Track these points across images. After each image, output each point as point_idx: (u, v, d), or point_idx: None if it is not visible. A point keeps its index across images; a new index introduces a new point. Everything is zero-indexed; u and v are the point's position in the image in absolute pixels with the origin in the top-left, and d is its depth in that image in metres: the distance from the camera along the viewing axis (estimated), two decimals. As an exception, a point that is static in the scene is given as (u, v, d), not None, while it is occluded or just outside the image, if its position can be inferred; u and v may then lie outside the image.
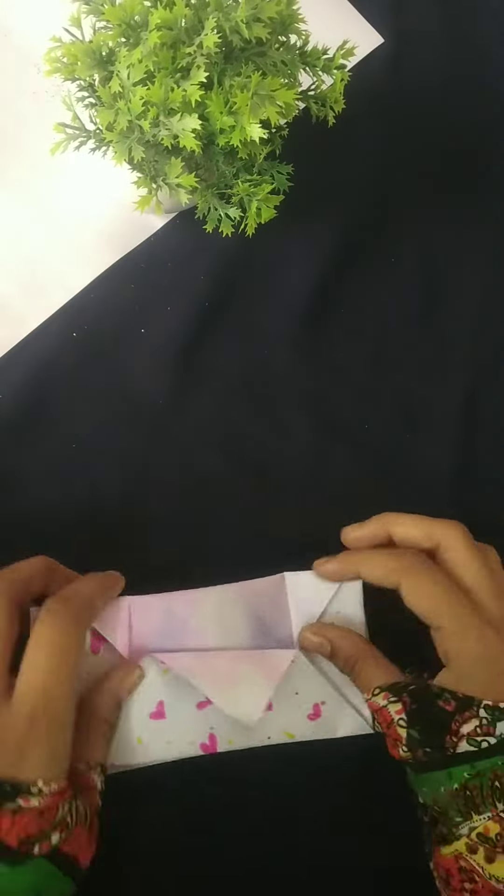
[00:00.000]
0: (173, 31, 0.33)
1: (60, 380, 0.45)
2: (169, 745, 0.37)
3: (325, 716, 0.39)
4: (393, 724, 0.36)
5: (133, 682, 0.37)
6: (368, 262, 0.50)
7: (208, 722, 0.37)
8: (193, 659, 0.38)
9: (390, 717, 0.36)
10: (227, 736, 0.37)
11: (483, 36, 0.55)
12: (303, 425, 0.47)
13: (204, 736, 0.37)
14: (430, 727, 0.35)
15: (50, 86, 0.48)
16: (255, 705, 0.37)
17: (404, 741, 0.35)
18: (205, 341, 0.47)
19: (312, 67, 0.39)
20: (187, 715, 0.37)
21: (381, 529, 0.40)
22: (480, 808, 0.34)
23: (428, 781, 0.35)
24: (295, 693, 0.39)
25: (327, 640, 0.39)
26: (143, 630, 0.39)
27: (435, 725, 0.35)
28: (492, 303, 0.51)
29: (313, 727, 0.38)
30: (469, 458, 0.48)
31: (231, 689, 0.37)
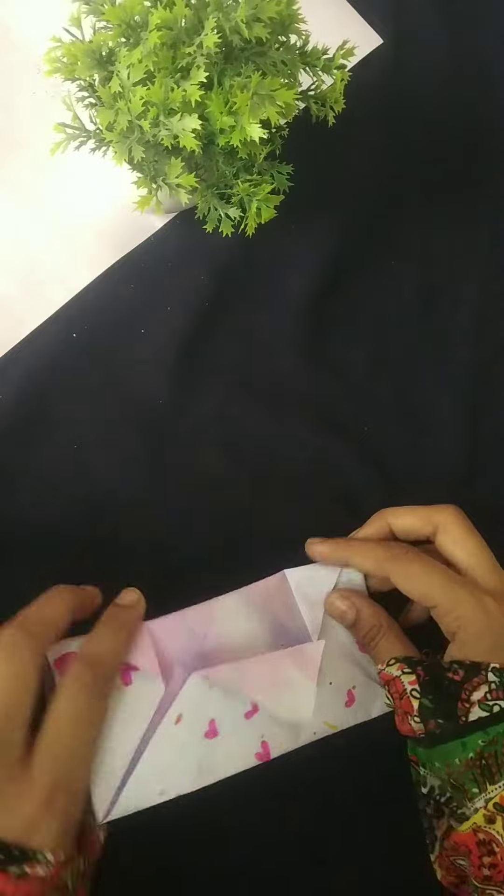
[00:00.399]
0: (173, 31, 0.33)
1: (60, 380, 0.45)
2: (227, 760, 0.37)
3: (359, 700, 0.40)
4: (405, 695, 0.36)
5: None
6: (368, 262, 0.50)
7: (259, 730, 0.38)
8: (233, 670, 0.38)
9: (402, 688, 0.36)
10: (279, 740, 0.38)
11: (483, 36, 0.55)
12: (303, 425, 0.47)
13: (257, 745, 0.37)
14: (441, 697, 0.36)
15: (50, 86, 0.48)
16: (304, 703, 0.38)
17: (416, 712, 0.36)
18: (205, 341, 0.47)
19: (312, 67, 0.39)
20: (238, 727, 0.37)
21: (382, 526, 0.41)
22: (496, 776, 0.34)
23: (441, 754, 0.35)
24: (329, 683, 0.39)
25: (355, 607, 0.40)
26: (169, 651, 0.39)
27: (446, 695, 0.35)
28: (492, 303, 0.51)
29: (351, 713, 0.39)
30: (469, 458, 0.48)
31: (278, 693, 0.38)
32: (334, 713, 0.39)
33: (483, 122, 0.53)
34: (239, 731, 0.37)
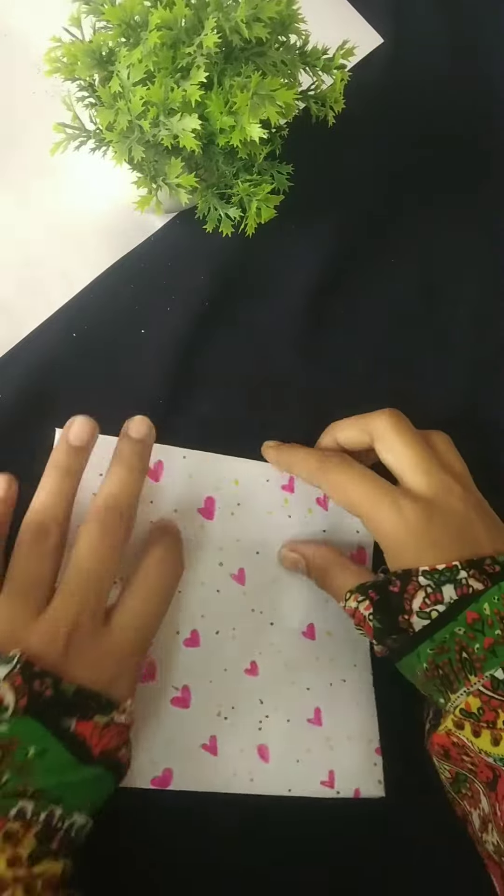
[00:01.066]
0: (173, 31, 0.33)
1: (60, 380, 0.45)
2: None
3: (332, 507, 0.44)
4: (365, 622, 0.37)
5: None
6: (368, 262, 0.50)
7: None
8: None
9: (362, 616, 0.37)
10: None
11: (483, 36, 0.55)
12: (303, 425, 0.47)
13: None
14: (387, 613, 0.36)
15: (50, 86, 0.47)
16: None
17: (374, 636, 0.37)
18: (205, 341, 0.47)
19: (312, 67, 0.39)
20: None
21: (331, 441, 0.42)
22: (455, 684, 0.34)
23: (406, 668, 0.37)
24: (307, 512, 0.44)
25: (301, 555, 0.41)
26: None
27: (392, 610, 0.36)
28: (492, 303, 0.51)
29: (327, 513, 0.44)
30: (469, 458, 0.48)
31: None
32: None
33: (483, 121, 0.53)
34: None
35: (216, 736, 0.39)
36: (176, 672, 0.39)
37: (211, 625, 0.41)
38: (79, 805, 0.32)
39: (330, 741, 0.40)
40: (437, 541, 0.36)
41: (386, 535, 0.37)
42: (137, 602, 0.36)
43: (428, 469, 0.38)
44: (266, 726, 0.40)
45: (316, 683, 0.41)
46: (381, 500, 0.37)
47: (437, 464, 0.39)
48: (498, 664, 0.34)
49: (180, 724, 0.38)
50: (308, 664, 0.42)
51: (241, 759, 0.39)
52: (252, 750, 0.39)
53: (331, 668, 0.42)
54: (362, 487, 0.38)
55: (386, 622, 0.36)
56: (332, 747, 0.40)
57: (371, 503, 0.37)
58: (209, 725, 0.39)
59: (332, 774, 0.39)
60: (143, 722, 0.38)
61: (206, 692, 0.39)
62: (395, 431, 0.39)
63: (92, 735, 0.32)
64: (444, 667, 0.35)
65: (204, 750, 0.38)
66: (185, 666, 0.39)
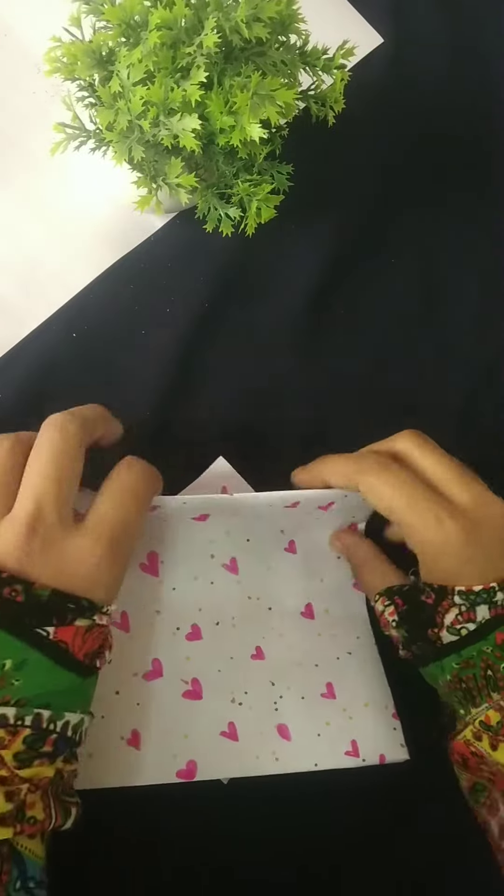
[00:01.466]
0: (173, 30, 0.33)
1: (60, 380, 0.45)
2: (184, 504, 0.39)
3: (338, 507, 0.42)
4: (390, 627, 0.38)
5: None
6: (368, 262, 0.50)
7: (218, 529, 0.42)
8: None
9: (386, 621, 0.38)
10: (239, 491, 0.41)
11: (483, 36, 0.55)
12: (303, 425, 0.47)
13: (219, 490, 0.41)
14: (416, 624, 0.37)
15: (50, 86, 0.48)
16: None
17: (399, 642, 0.38)
18: (205, 341, 0.47)
19: (312, 67, 0.39)
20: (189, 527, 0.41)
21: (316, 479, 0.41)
22: (477, 699, 0.35)
23: (429, 675, 0.37)
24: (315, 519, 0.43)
25: (343, 545, 0.42)
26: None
27: (421, 621, 0.36)
28: (492, 303, 0.51)
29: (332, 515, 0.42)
30: (469, 458, 0.48)
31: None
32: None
33: (483, 121, 0.53)
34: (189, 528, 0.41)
35: (234, 722, 0.39)
36: (182, 666, 0.39)
37: (210, 617, 0.41)
38: (69, 706, 0.32)
39: (347, 711, 0.41)
40: (476, 559, 0.35)
41: (424, 546, 0.36)
42: (109, 504, 0.35)
43: (469, 482, 0.37)
44: (282, 706, 0.40)
45: (323, 660, 0.42)
46: (422, 510, 0.36)
47: (476, 477, 0.37)
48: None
49: (195, 715, 0.38)
50: (312, 642, 0.42)
51: (263, 741, 0.39)
52: (272, 730, 0.39)
53: (334, 643, 0.42)
54: (403, 493, 0.36)
55: (413, 632, 0.37)
56: (351, 717, 0.40)
57: (412, 512, 0.36)
58: (225, 712, 0.39)
59: (354, 744, 0.40)
60: (158, 718, 0.38)
61: (217, 681, 0.39)
62: (426, 447, 0.38)
63: (74, 640, 0.32)
64: (468, 681, 0.35)
65: (223, 737, 0.38)
66: (190, 659, 0.39)
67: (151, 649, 0.39)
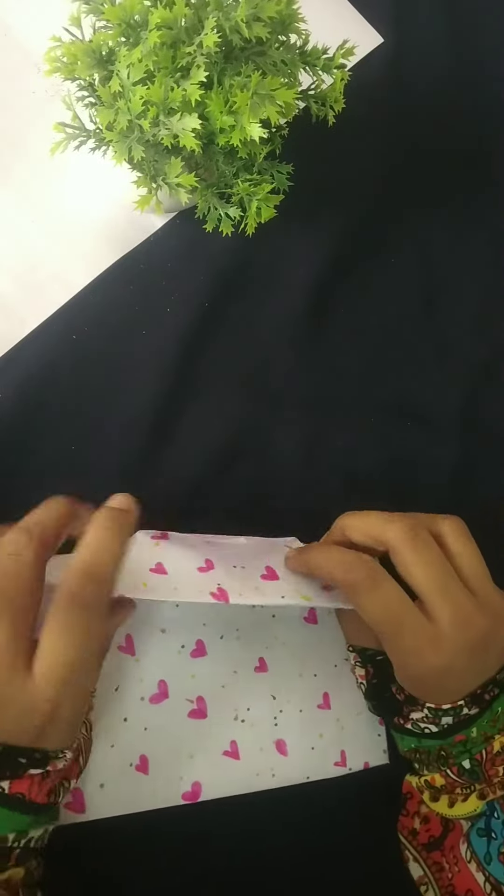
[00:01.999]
0: (173, 30, 0.33)
1: (60, 380, 0.45)
2: (175, 590, 0.35)
3: (337, 591, 0.39)
4: (359, 684, 0.41)
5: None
6: (368, 262, 0.50)
7: (214, 580, 0.36)
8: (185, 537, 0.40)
9: (356, 677, 0.41)
10: (238, 590, 0.36)
11: (483, 36, 0.55)
12: (303, 425, 0.47)
13: (213, 587, 0.35)
14: (383, 706, 0.39)
15: (50, 85, 0.47)
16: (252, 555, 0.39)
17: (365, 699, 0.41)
18: (205, 341, 0.47)
19: (312, 67, 0.39)
20: (190, 574, 0.36)
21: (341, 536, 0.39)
22: (429, 767, 0.38)
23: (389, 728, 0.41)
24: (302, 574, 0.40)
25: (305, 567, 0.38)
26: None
27: (388, 706, 0.39)
28: (492, 303, 0.51)
29: (330, 597, 0.38)
30: (469, 457, 0.48)
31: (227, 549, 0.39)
32: (309, 589, 0.38)
33: (483, 121, 0.53)
34: (190, 577, 0.36)
35: (236, 741, 0.39)
36: (188, 685, 0.39)
37: (214, 631, 0.41)
38: (34, 828, 0.32)
39: (340, 721, 0.42)
40: (449, 686, 0.36)
41: (401, 668, 0.36)
42: (60, 641, 0.31)
43: (448, 594, 0.35)
44: (281, 721, 0.40)
45: (322, 668, 0.42)
46: (405, 635, 0.35)
47: (461, 592, 0.35)
48: (468, 756, 0.36)
49: (200, 735, 0.39)
50: (313, 650, 0.42)
51: (262, 758, 0.39)
52: (271, 747, 0.40)
53: (334, 649, 0.43)
54: (389, 621, 0.35)
55: (379, 710, 0.40)
56: (343, 727, 0.42)
57: (397, 646, 0.35)
58: (228, 731, 0.39)
59: (343, 754, 0.41)
60: (165, 741, 0.38)
61: (221, 698, 0.40)
62: (412, 552, 0.35)
63: (31, 789, 0.31)
64: (423, 755, 0.38)
65: (226, 756, 0.39)
66: (195, 677, 0.40)
67: (157, 671, 0.39)
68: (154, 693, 0.39)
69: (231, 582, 0.36)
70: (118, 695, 0.38)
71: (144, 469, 0.45)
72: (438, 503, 0.46)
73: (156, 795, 0.38)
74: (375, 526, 0.37)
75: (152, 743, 0.38)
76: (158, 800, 0.38)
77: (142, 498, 0.37)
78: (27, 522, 0.34)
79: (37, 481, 0.44)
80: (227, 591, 0.36)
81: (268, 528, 0.44)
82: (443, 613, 0.35)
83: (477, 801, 0.36)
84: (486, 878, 0.35)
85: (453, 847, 0.37)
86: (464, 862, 0.36)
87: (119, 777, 0.37)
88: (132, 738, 0.38)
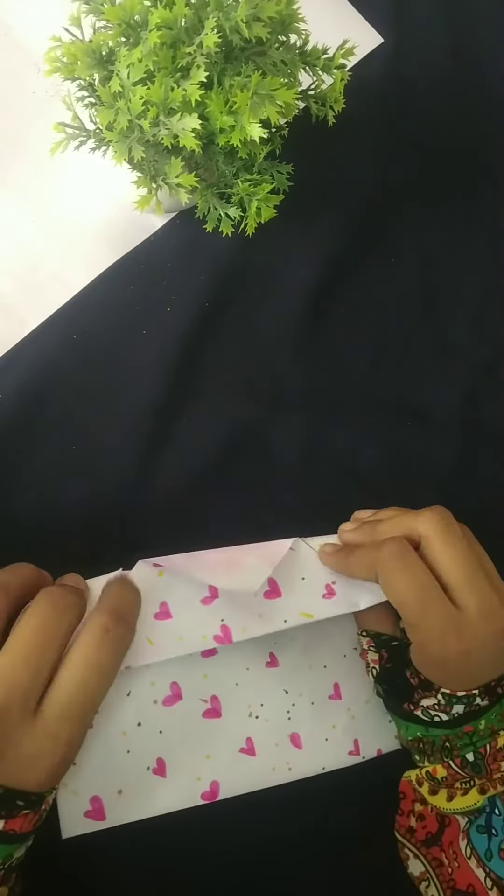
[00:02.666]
0: (173, 30, 0.33)
1: (60, 380, 0.45)
2: (181, 641, 0.37)
3: (340, 593, 0.40)
4: (369, 668, 0.41)
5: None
6: (368, 262, 0.50)
7: (217, 614, 0.37)
8: (187, 558, 0.39)
9: (367, 661, 0.41)
10: (241, 624, 0.37)
11: (483, 36, 0.55)
12: (303, 425, 0.47)
13: (216, 628, 0.37)
14: (394, 690, 0.39)
15: (50, 85, 0.47)
16: (255, 578, 0.38)
17: (374, 687, 0.40)
18: (205, 341, 0.47)
19: (312, 67, 0.39)
20: (194, 612, 0.37)
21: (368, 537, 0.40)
22: (431, 758, 0.38)
23: (394, 721, 0.41)
24: (301, 578, 0.40)
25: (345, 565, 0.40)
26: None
27: (399, 690, 0.39)
28: (492, 303, 0.51)
29: (331, 605, 0.39)
30: (469, 457, 0.48)
31: (229, 572, 0.38)
32: (311, 604, 0.39)
33: (483, 121, 0.53)
34: (194, 615, 0.37)
35: (251, 738, 0.39)
36: (201, 685, 0.39)
37: None
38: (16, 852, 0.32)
39: (351, 710, 0.42)
40: (465, 672, 0.36)
41: (419, 650, 0.37)
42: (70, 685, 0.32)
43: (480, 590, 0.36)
44: (294, 714, 0.40)
45: (332, 659, 0.42)
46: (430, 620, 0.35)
47: (489, 584, 0.36)
48: (472, 749, 0.37)
49: (216, 735, 0.39)
50: (322, 641, 0.42)
51: (278, 753, 0.39)
52: (286, 741, 0.39)
53: (342, 639, 0.43)
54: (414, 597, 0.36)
55: (389, 696, 0.39)
56: (354, 716, 0.41)
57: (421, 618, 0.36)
58: (243, 728, 0.39)
59: (356, 743, 0.41)
60: (181, 743, 0.38)
61: (235, 696, 0.40)
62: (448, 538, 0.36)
63: (22, 825, 0.31)
64: (427, 745, 0.38)
65: (242, 753, 0.39)
66: (207, 677, 0.40)
67: (169, 673, 0.39)
68: (167, 695, 0.39)
69: (234, 613, 0.38)
70: (131, 699, 0.38)
71: (144, 469, 0.45)
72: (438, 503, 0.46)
73: (174, 798, 0.37)
74: (404, 518, 0.38)
75: (168, 745, 0.38)
76: (177, 802, 0.37)
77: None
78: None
79: (37, 481, 0.44)
80: (231, 628, 0.37)
81: (268, 528, 0.44)
82: (470, 602, 0.36)
83: (477, 795, 0.36)
84: (487, 874, 0.36)
85: (452, 843, 0.37)
86: (463, 858, 0.37)
87: (136, 782, 0.37)
88: (148, 742, 0.38)
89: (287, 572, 0.40)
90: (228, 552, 0.40)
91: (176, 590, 0.38)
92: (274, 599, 0.39)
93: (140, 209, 0.37)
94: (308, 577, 0.40)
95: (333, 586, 0.40)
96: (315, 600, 0.39)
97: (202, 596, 0.38)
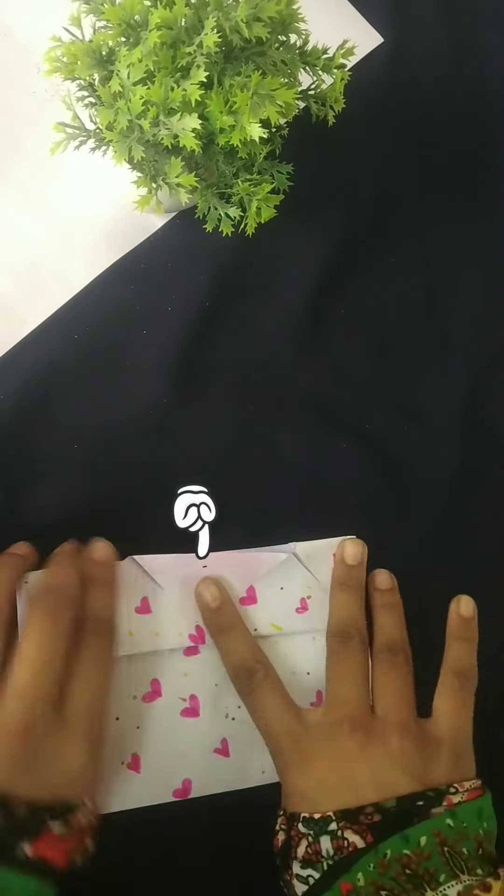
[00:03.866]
0: (173, 30, 0.33)
1: (61, 380, 0.45)
2: (157, 637, 0.39)
3: (313, 609, 0.41)
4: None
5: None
6: (368, 262, 0.50)
7: (193, 615, 0.40)
8: (176, 559, 0.40)
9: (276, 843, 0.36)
10: None
11: (483, 35, 0.54)
12: (303, 425, 0.47)
13: (191, 628, 0.39)
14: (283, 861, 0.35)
15: (50, 85, 0.48)
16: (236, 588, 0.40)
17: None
18: (205, 341, 0.47)
19: (312, 67, 0.39)
20: (172, 610, 0.39)
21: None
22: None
23: None
24: (280, 588, 0.41)
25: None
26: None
27: (285, 860, 0.35)
28: (492, 303, 0.51)
29: (302, 620, 0.41)
30: (469, 457, 0.48)
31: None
32: (282, 615, 0.40)
33: (483, 121, 0.53)
34: (173, 612, 0.40)
35: (227, 739, 0.39)
36: (181, 683, 0.40)
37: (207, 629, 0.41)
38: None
39: None
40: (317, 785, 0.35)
41: (280, 773, 0.37)
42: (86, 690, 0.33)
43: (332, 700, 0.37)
44: None
45: (315, 666, 0.41)
46: (283, 740, 0.36)
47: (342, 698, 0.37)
48: None
49: (192, 733, 0.39)
50: (305, 645, 0.42)
51: (252, 756, 0.39)
52: (261, 745, 0.39)
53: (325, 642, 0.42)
54: (275, 716, 0.37)
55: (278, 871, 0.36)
56: None
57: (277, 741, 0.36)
58: (219, 729, 0.39)
59: None
60: (157, 740, 0.39)
61: (213, 697, 0.40)
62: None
63: (54, 850, 0.29)
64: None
65: (217, 754, 0.39)
66: (188, 675, 0.40)
67: (150, 670, 0.39)
68: (147, 692, 0.39)
69: None
70: (111, 694, 0.38)
71: (145, 469, 0.45)
72: (438, 503, 0.46)
73: (147, 793, 0.38)
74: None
75: (144, 741, 0.38)
76: (149, 797, 0.38)
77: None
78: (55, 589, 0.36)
79: (37, 481, 0.44)
80: (205, 629, 0.40)
81: (267, 529, 0.44)
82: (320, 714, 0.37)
83: None
84: None
85: None
86: None
87: (109, 776, 0.38)
88: (124, 737, 0.38)
89: (268, 579, 0.41)
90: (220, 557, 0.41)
91: (157, 588, 0.40)
92: (248, 606, 0.40)
93: (140, 209, 0.37)
94: (287, 587, 0.41)
95: (308, 601, 0.41)
96: (289, 612, 0.40)
97: (182, 596, 0.40)
